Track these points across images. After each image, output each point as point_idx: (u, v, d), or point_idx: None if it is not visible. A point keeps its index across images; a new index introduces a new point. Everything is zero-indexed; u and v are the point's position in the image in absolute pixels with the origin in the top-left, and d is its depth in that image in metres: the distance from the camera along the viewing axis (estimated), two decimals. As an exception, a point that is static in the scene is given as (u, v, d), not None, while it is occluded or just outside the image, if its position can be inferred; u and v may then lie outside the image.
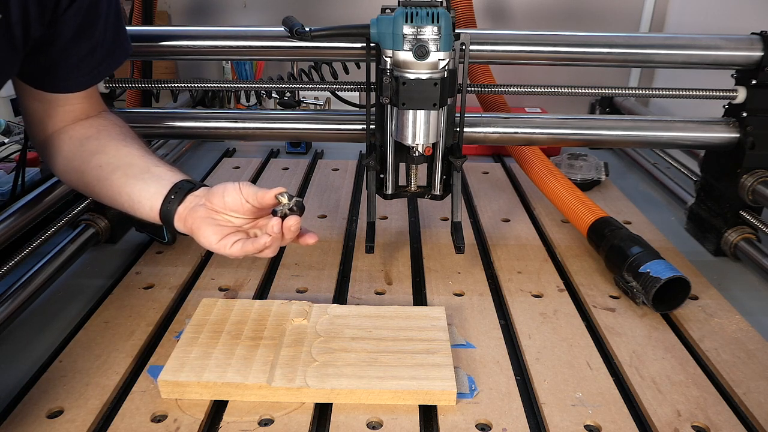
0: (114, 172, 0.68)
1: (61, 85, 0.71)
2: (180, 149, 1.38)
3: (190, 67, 1.71)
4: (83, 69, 0.71)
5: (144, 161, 0.69)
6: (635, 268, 0.80)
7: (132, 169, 0.68)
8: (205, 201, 0.64)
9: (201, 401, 0.62)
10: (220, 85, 1.05)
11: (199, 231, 0.63)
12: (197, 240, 0.63)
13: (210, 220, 0.63)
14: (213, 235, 0.62)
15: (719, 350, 0.72)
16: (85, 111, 0.74)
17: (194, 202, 0.65)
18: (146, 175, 0.67)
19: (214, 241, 0.62)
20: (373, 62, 0.81)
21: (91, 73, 0.72)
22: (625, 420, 0.61)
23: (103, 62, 0.73)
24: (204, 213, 0.63)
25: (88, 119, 0.74)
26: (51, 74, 0.70)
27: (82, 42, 0.68)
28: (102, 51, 0.71)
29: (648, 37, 0.97)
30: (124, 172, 0.68)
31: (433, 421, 0.61)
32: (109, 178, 0.68)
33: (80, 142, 0.71)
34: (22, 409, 0.61)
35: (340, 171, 1.30)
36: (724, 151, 0.96)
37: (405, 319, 0.73)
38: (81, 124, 0.73)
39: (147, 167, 0.68)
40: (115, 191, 0.68)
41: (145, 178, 0.67)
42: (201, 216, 0.63)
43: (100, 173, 0.69)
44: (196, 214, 0.64)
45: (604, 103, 1.56)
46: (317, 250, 0.93)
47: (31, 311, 0.78)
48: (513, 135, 0.97)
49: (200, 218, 0.63)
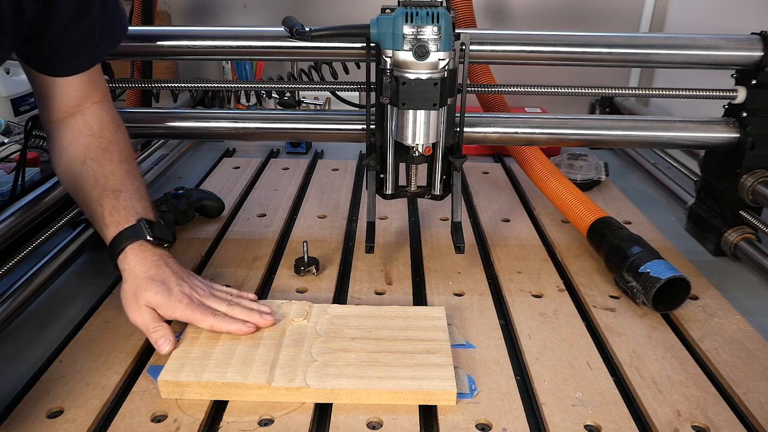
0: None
1: (61, 67, 0.71)
2: (180, 149, 1.38)
3: (190, 67, 1.71)
4: (82, 50, 0.71)
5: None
6: (635, 268, 0.80)
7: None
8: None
9: (201, 401, 0.62)
10: (220, 85, 1.05)
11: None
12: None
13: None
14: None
15: (719, 350, 0.72)
16: (87, 95, 0.75)
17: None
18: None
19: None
20: (373, 62, 0.81)
21: (91, 53, 0.73)
22: (625, 420, 0.61)
23: (101, 42, 0.73)
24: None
25: (88, 118, 0.75)
26: (50, 57, 0.70)
27: (79, 22, 0.69)
28: (100, 30, 0.72)
29: (648, 37, 0.97)
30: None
31: (433, 421, 0.61)
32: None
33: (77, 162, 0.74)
34: (22, 409, 0.61)
35: (340, 171, 1.30)
36: (724, 151, 0.96)
37: (405, 319, 0.73)
38: (81, 134, 0.74)
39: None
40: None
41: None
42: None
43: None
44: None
45: (604, 103, 1.56)
46: (317, 250, 0.93)
47: (31, 311, 0.78)
48: (513, 135, 0.97)
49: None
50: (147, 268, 0.70)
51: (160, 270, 0.70)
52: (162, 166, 1.27)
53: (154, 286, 0.68)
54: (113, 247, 0.71)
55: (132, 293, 0.69)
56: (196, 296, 0.70)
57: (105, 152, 0.74)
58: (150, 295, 0.68)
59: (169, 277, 0.70)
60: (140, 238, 0.71)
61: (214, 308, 0.70)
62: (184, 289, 0.70)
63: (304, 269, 0.87)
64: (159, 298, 0.68)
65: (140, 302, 0.68)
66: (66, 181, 0.76)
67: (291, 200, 1.13)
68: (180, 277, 0.71)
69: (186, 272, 0.73)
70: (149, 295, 0.68)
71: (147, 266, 0.70)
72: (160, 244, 0.73)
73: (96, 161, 0.73)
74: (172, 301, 0.68)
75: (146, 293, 0.68)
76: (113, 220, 0.71)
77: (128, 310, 0.69)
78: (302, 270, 0.87)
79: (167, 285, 0.69)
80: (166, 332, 0.67)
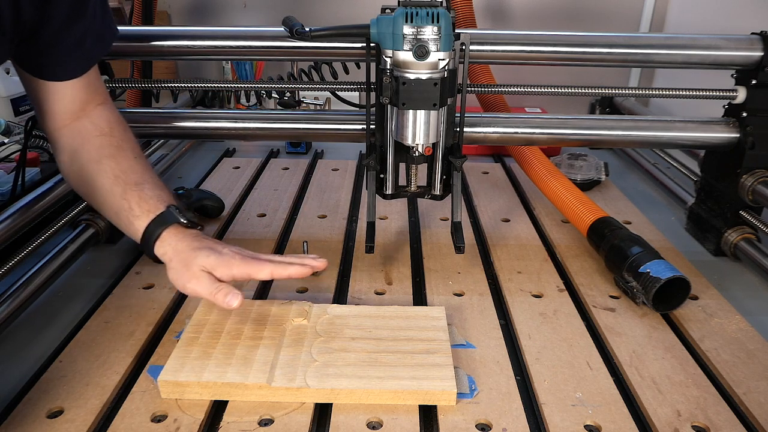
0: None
1: (58, 70, 0.71)
2: (180, 149, 1.38)
3: (190, 67, 1.71)
4: (77, 51, 0.71)
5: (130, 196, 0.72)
6: (635, 268, 0.80)
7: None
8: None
9: (201, 401, 0.62)
10: (220, 85, 1.05)
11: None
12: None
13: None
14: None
15: (719, 350, 0.72)
16: (88, 99, 0.75)
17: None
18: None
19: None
20: (373, 62, 0.81)
21: (86, 55, 0.72)
22: (625, 420, 0.61)
23: (96, 45, 0.73)
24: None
25: (95, 119, 0.75)
26: (47, 58, 0.69)
27: (75, 24, 0.68)
28: (93, 33, 0.71)
29: (648, 37, 0.97)
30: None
31: (433, 421, 0.61)
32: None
33: (82, 162, 0.74)
34: (22, 409, 0.61)
35: (340, 171, 1.30)
36: (724, 151, 0.96)
37: (405, 319, 0.73)
38: (91, 135, 0.74)
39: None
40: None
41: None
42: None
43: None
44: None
45: (604, 103, 1.56)
46: (317, 250, 0.93)
47: (31, 311, 0.78)
48: (513, 135, 0.97)
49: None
50: (189, 242, 0.70)
51: (203, 241, 0.71)
52: (162, 166, 1.27)
53: (203, 251, 0.69)
54: (148, 235, 0.70)
55: (182, 266, 0.68)
56: (246, 253, 0.71)
57: (119, 150, 0.74)
58: (203, 259, 0.68)
59: (213, 243, 0.71)
60: (174, 221, 0.71)
61: (266, 258, 0.71)
62: (233, 248, 0.71)
63: None
64: (213, 260, 0.68)
65: (194, 269, 0.68)
66: (80, 183, 0.75)
67: (291, 200, 1.13)
68: (222, 244, 0.72)
69: (225, 243, 0.74)
70: (202, 259, 0.68)
71: (189, 241, 0.70)
72: (193, 226, 0.73)
73: (112, 158, 0.73)
74: (226, 259, 0.68)
75: (198, 259, 0.68)
76: (143, 210, 0.71)
77: (183, 281, 0.68)
78: None
79: (215, 249, 0.70)
80: (230, 289, 0.67)
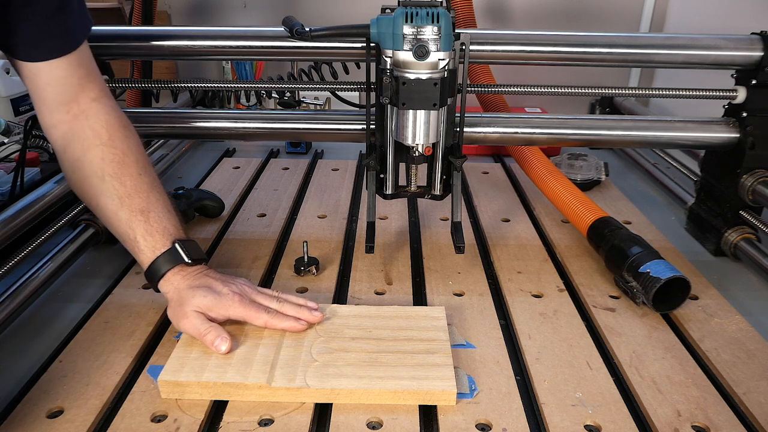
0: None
1: (33, 51, 0.68)
2: (180, 149, 1.38)
3: (190, 67, 1.71)
4: (53, 29, 0.67)
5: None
6: (635, 268, 0.80)
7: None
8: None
9: (201, 401, 0.62)
10: (220, 85, 1.05)
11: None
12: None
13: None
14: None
15: (719, 350, 0.72)
16: (80, 87, 0.71)
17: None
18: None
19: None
20: (373, 62, 0.81)
21: (63, 33, 0.69)
22: (625, 420, 0.61)
23: (75, 29, 0.70)
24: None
25: (93, 123, 0.72)
26: (20, 38, 0.66)
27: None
28: (72, 14, 0.69)
29: (648, 37, 0.97)
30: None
31: (433, 421, 0.61)
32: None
33: (83, 174, 0.72)
34: (22, 409, 0.61)
35: (340, 171, 1.30)
36: (724, 151, 0.96)
37: (405, 319, 0.73)
38: (92, 144, 0.71)
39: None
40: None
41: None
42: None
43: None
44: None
45: (604, 103, 1.56)
46: (317, 250, 0.93)
47: (31, 311, 0.78)
48: (513, 135, 0.97)
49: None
50: (190, 281, 0.70)
51: (204, 279, 0.71)
52: (162, 166, 1.27)
53: (200, 291, 0.69)
54: (152, 273, 0.70)
55: (178, 305, 0.69)
56: (247, 293, 0.71)
57: (121, 165, 0.72)
58: (198, 299, 0.68)
59: (213, 282, 0.70)
60: (179, 262, 0.70)
61: (265, 305, 0.71)
62: (233, 288, 0.70)
63: (304, 269, 0.87)
64: (208, 300, 0.68)
65: (187, 309, 0.68)
66: (85, 197, 0.74)
67: (291, 200, 1.13)
68: (225, 281, 0.71)
69: (229, 276, 0.74)
70: (197, 300, 0.68)
71: (190, 280, 0.70)
72: (198, 262, 0.73)
73: (116, 178, 0.71)
74: (224, 300, 0.68)
75: (194, 299, 0.68)
76: (148, 246, 0.70)
77: (177, 319, 0.69)
78: (302, 270, 0.87)
79: (214, 288, 0.69)
80: (219, 331, 0.66)
